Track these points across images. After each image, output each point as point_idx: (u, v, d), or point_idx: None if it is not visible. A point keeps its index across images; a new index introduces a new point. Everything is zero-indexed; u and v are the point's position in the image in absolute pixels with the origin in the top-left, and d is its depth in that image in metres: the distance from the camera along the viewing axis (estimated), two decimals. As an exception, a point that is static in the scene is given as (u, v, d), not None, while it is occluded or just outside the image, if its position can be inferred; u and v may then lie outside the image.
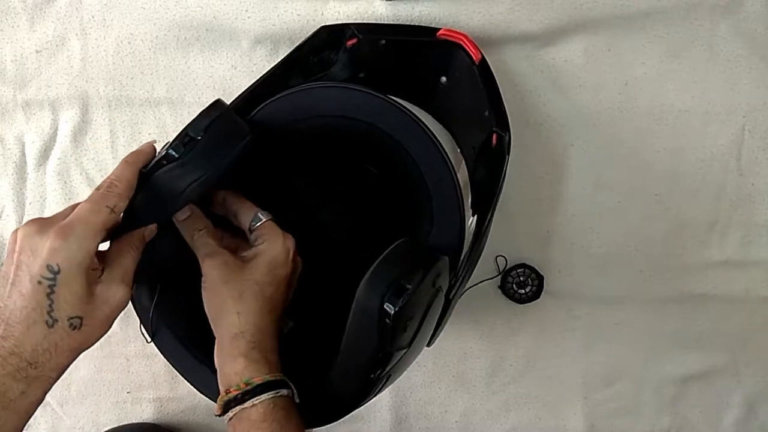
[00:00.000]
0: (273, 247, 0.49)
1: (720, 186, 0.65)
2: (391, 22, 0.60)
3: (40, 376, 0.41)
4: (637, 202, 0.65)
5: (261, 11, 0.62)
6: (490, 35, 0.61)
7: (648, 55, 0.62)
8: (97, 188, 0.44)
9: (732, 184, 0.65)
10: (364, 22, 0.59)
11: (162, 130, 0.66)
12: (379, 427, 0.71)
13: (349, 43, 0.55)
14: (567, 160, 0.64)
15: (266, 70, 0.56)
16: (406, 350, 0.45)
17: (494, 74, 0.56)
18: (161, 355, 0.69)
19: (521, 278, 0.66)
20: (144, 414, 0.71)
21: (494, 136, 0.54)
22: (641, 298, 0.67)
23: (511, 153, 0.54)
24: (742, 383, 0.69)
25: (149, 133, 0.66)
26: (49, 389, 0.42)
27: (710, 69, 0.62)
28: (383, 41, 0.56)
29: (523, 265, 0.66)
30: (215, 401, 0.48)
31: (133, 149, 0.65)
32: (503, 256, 0.66)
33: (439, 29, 0.57)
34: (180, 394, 0.71)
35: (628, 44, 0.62)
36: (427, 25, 0.60)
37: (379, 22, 0.60)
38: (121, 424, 0.71)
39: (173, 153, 0.43)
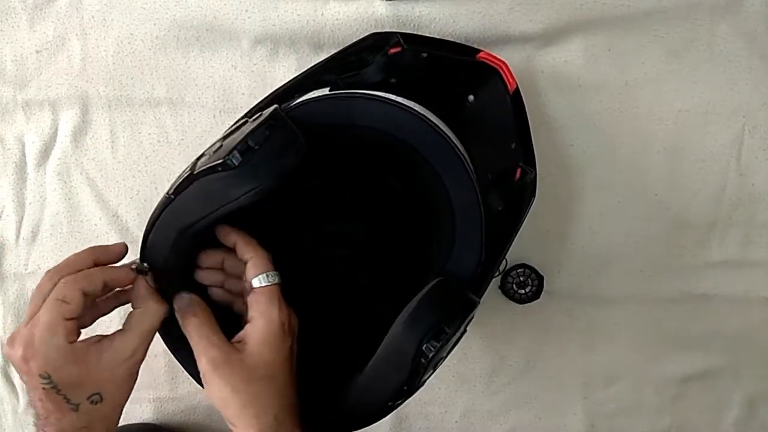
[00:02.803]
0: (268, 325, 0.46)
1: (720, 186, 0.65)
2: (436, 34, 0.60)
3: None
4: (637, 202, 0.65)
5: (261, 11, 0.62)
6: (490, 35, 0.61)
7: (648, 55, 0.62)
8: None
9: (732, 184, 0.65)
10: (411, 32, 0.60)
11: (162, 130, 0.66)
12: (379, 427, 0.71)
13: (392, 50, 0.56)
14: (567, 160, 0.64)
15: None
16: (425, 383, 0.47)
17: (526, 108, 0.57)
18: (161, 356, 0.69)
19: (521, 278, 0.66)
20: (144, 414, 0.71)
21: (518, 170, 0.55)
22: (641, 298, 0.67)
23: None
24: (742, 383, 0.69)
25: (149, 133, 0.66)
26: None
27: (710, 69, 0.62)
28: (425, 54, 0.56)
29: (523, 265, 0.66)
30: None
31: (133, 149, 0.66)
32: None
33: (480, 50, 0.57)
34: (180, 394, 0.71)
35: (628, 44, 0.62)
36: (427, 26, 0.61)
37: (420, 30, 0.61)
38: (121, 424, 0.71)
39: (231, 162, 0.42)
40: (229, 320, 0.49)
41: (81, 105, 0.66)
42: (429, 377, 0.46)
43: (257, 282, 0.47)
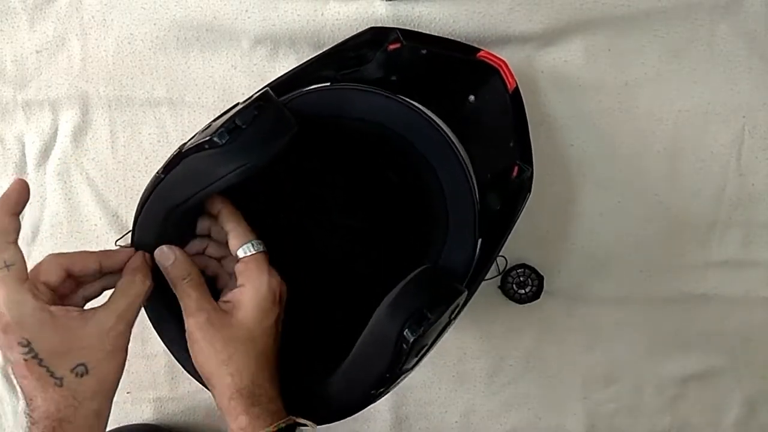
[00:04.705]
0: (257, 292, 0.46)
1: (720, 186, 0.65)
2: (436, 34, 0.60)
3: (81, 426, 0.42)
4: (637, 202, 0.65)
5: (261, 11, 0.62)
6: (490, 35, 0.61)
7: (648, 55, 0.62)
8: None
9: (732, 184, 0.65)
10: (411, 29, 0.59)
11: (162, 130, 0.66)
12: (379, 427, 0.71)
13: (391, 47, 0.56)
14: (567, 160, 0.64)
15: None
16: (410, 371, 0.46)
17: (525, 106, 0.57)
18: (161, 356, 0.69)
19: (521, 278, 0.66)
20: (144, 414, 0.71)
21: (516, 168, 0.55)
22: (641, 298, 0.67)
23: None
24: (742, 383, 0.69)
25: (149, 133, 0.66)
26: None
27: (710, 69, 0.62)
28: (424, 51, 0.56)
29: (523, 265, 0.66)
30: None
31: (133, 149, 0.66)
32: (503, 257, 0.66)
33: (480, 50, 0.57)
34: (180, 394, 0.71)
35: (628, 44, 0.62)
36: (427, 26, 0.61)
37: (420, 30, 0.60)
38: (121, 424, 0.71)
39: (217, 140, 0.42)
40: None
41: (81, 105, 0.66)
42: (413, 366, 0.46)
43: (242, 252, 0.48)
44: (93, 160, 0.67)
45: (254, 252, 0.48)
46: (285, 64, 0.63)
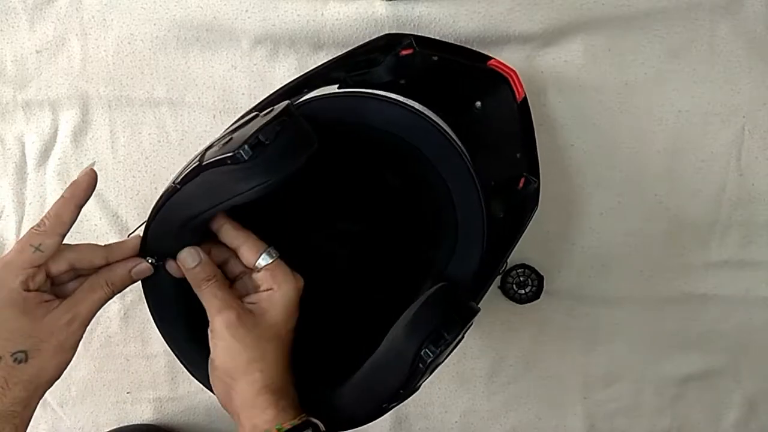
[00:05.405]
0: (287, 294, 0.48)
1: (720, 186, 0.65)
2: (436, 34, 0.60)
3: (3, 412, 0.43)
4: (637, 202, 0.65)
5: (261, 11, 0.62)
6: (490, 35, 0.61)
7: (648, 55, 0.62)
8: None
9: (732, 184, 0.65)
10: (424, 35, 0.60)
11: (162, 130, 0.66)
12: (379, 427, 0.71)
13: (404, 52, 0.56)
14: (567, 160, 0.64)
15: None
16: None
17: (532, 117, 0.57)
18: (161, 356, 0.69)
19: (521, 278, 0.66)
20: (144, 414, 0.71)
21: (522, 180, 0.55)
22: (641, 298, 0.67)
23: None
24: (742, 383, 0.69)
25: (149, 133, 0.66)
26: (22, 424, 0.44)
27: (710, 69, 0.62)
28: (435, 57, 0.56)
29: (523, 265, 0.66)
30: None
31: (133, 149, 0.66)
32: (503, 256, 0.66)
33: (491, 58, 0.57)
34: (180, 395, 0.71)
35: (628, 44, 0.62)
36: (426, 26, 0.61)
37: (420, 31, 0.61)
38: (121, 424, 0.71)
39: (240, 155, 0.42)
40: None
41: (81, 105, 0.66)
42: (425, 381, 0.47)
43: (263, 261, 0.48)
44: (93, 160, 0.67)
45: (275, 258, 0.48)
46: (285, 64, 0.63)
